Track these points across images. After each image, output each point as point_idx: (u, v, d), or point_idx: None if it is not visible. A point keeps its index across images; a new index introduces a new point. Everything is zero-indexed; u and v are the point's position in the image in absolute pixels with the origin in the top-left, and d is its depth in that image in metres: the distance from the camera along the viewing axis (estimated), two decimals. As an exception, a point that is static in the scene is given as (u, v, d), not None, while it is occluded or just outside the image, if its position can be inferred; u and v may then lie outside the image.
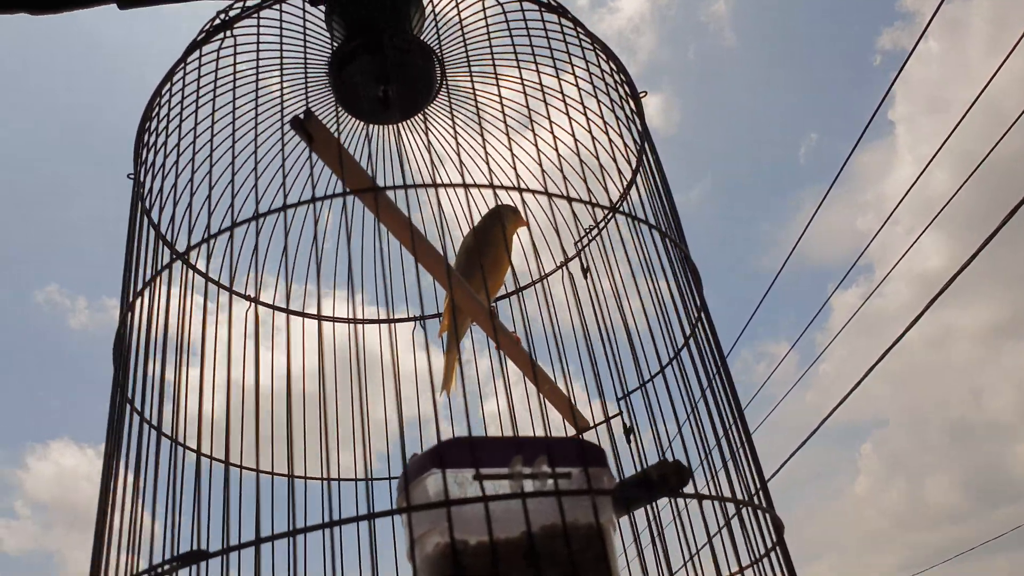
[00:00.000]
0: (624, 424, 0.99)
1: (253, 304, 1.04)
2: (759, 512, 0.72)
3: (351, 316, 1.05)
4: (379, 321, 1.20)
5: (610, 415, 1.03)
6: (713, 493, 0.66)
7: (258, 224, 0.71)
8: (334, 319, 1.15)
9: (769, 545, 0.73)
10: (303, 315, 1.06)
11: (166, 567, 0.59)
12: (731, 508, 0.70)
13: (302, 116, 0.73)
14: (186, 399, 0.73)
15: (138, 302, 0.80)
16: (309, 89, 1.00)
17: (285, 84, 0.92)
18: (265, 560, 0.59)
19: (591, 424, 1.09)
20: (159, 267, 0.80)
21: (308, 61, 0.96)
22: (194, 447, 0.77)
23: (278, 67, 0.86)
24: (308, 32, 0.91)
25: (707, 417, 0.77)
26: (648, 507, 0.71)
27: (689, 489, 0.70)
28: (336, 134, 0.73)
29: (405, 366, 1.15)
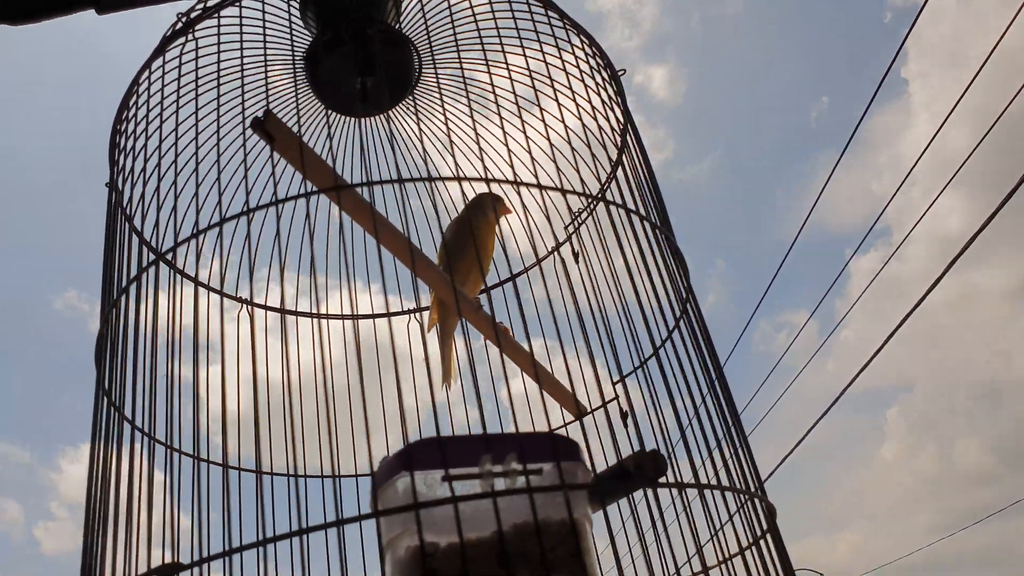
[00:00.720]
0: (620, 408, 0.98)
1: (245, 305, 1.04)
2: (749, 499, 0.70)
3: (315, 311, 1.04)
4: (344, 317, 1.20)
5: (607, 399, 1.02)
6: (695, 482, 0.64)
7: (220, 224, 0.70)
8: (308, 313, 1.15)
9: (759, 532, 0.71)
10: (267, 308, 1.05)
11: (140, 581, 0.58)
12: (724, 499, 0.69)
13: (261, 116, 0.72)
14: (204, 400, 0.73)
15: (119, 303, 0.79)
16: (278, 87, 0.98)
17: (255, 84, 0.91)
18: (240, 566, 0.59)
19: (589, 410, 1.08)
20: (139, 269, 0.80)
21: (274, 58, 0.95)
22: (188, 451, 0.77)
23: (241, 67, 0.85)
24: (274, 29, 0.89)
25: (693, 406, 0.75)
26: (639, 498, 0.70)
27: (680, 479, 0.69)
28: (297, 131, 0.72)
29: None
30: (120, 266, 0.83)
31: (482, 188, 1.06)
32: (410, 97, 1.13)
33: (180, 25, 0.83)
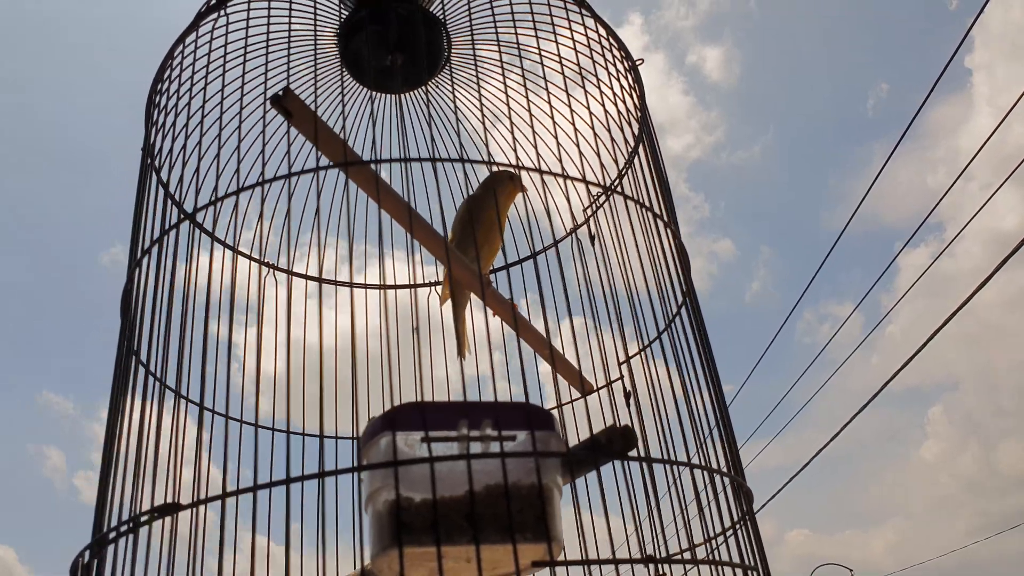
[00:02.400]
0: (624, 388, 1.01)
1: (267, 268, 1.10)
2: (722, 479, 0.73)
3: (350, 280, 1.09)
4: (376, 287, 1.25)
5: (611, 379, 1.06)
6: (666, 458, 0.67)
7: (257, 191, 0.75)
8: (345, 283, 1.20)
9: (738, 516, 0.74)
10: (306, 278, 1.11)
11: (144, 518, 0.64)
12: (693, 477, 0.72)
13: (281, 94, 0.76)
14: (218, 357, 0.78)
15: (145, 260, 0.85)
16: (303, 64, 1.03)
17: (281, 60, 0.95)
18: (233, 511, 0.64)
19: (595, 388, 1.12)
20: (168, 227, 0.85)
21: (300, 36, 0.99)
22: (196, 401, 0.82)
23: (275, 41, 0.90)
24: (300, 7, 0.94)
25: (682, 392, 0.78)
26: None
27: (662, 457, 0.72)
28: (341, 107, 0.76)
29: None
30: (149, 224, 0.89)
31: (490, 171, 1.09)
32: (435, 76, 1.16)
33: (214, 1, 0.87)
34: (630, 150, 0.97)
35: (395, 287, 1.27)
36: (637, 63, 1.00)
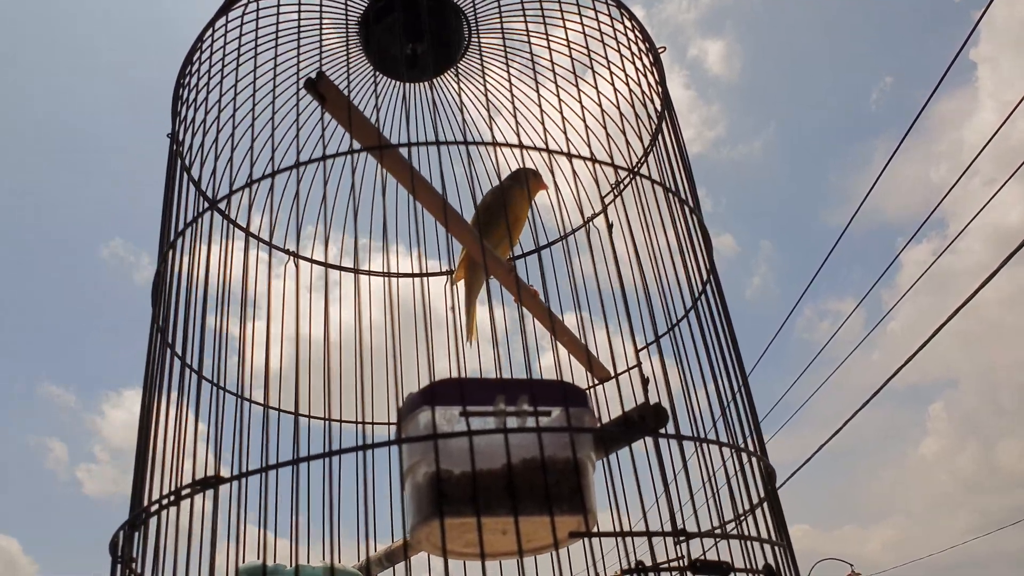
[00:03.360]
0: (642, 375, 1.03)
1: (292, 257, 1.11)
2: (748, 458, 0.74)
3: (386, 269, 1.11)
4: (413, 275, 1.26)
5: (629, 366, 1.07)
6: (695, 436, 0.68)
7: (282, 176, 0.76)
8: (369, 272, 1.21)
9: (761, 494, 0.75)
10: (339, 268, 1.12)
11: (187, 490, 0.65)
12: (721, 455, 0.73)
13: (314, 77, 0.77)
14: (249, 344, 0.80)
15: (174, 246, 0.86)
16: (332, 49, 1.04)
17: (311, 45, 0.96)
18: (274, 485, 0.65)
19: (611, 374, 1.13)
20: (194, 215, 0.86)
21: (329, 22, 1.00)
22: (232, 389, 0.84)
23: (302, 29, 0.91)
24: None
25: (709, 369, 0.80)
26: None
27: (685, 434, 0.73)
28: (347, 92, 0.77)
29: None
30: (177, 212, 0.90)
31: (518, 154, 1.10)
32: (458, 64, 1.17)
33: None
34: (651, 134, 0.99)
35: (429, 275, 1.29)
36: (660, 51, 1.01)
